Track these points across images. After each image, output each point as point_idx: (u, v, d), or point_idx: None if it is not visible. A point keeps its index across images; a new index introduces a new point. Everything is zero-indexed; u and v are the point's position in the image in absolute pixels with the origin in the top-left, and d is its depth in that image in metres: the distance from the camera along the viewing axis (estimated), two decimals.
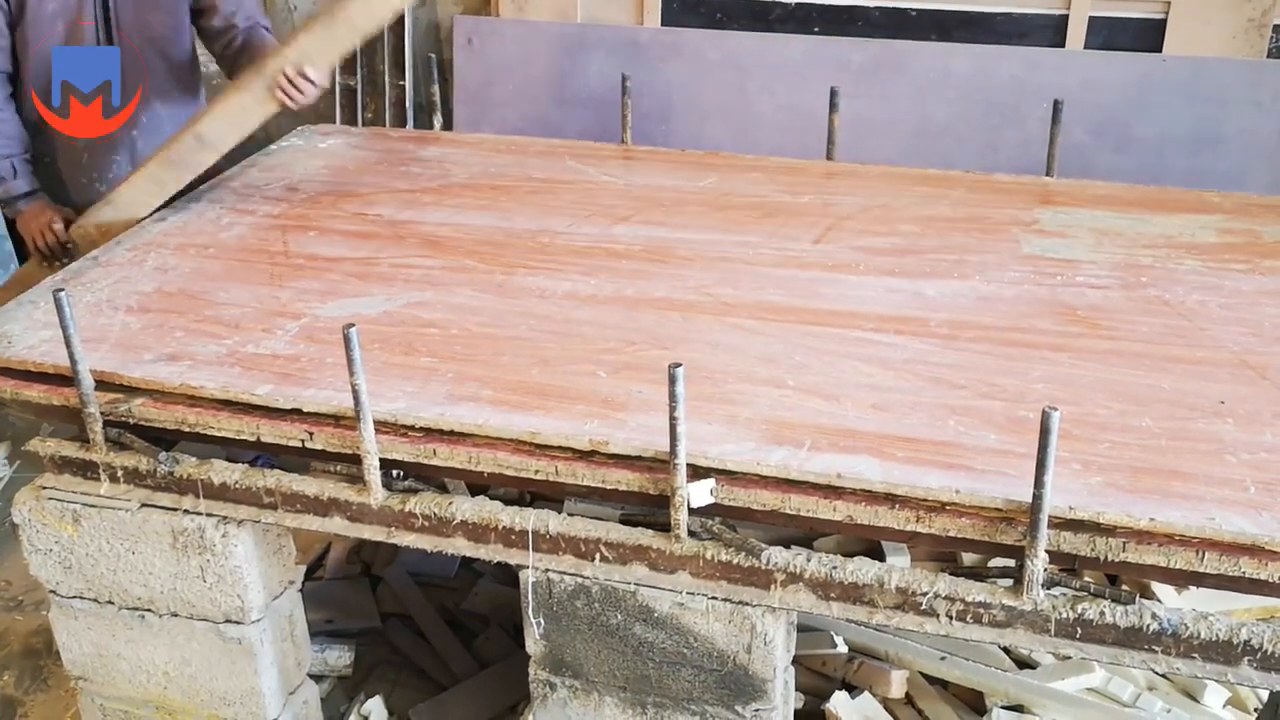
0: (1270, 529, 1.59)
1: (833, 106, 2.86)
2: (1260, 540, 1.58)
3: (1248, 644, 1.61)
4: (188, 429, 1.99)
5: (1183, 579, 1.70)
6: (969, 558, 2.62)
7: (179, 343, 2.11)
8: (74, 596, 2.18)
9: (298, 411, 1.94)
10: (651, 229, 2.53)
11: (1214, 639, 1.62)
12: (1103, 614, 1.66)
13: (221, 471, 2.00)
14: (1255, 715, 2.43)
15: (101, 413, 1.99)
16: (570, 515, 1.89)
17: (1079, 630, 1.68)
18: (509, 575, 1.95)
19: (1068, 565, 1.72)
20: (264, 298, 2.26)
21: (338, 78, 4.36)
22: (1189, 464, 1.74)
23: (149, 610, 2.15)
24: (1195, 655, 1.65)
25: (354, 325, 1.76)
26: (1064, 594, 1.69)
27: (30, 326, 2.17)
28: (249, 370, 2.01)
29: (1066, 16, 3.81)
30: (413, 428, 1.89)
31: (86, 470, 2.07)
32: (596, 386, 1.95)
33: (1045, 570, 1.66)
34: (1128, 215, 2.57)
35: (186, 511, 2.03)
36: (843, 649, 2.58)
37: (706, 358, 2.03)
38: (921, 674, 2.56)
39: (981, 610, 1.72)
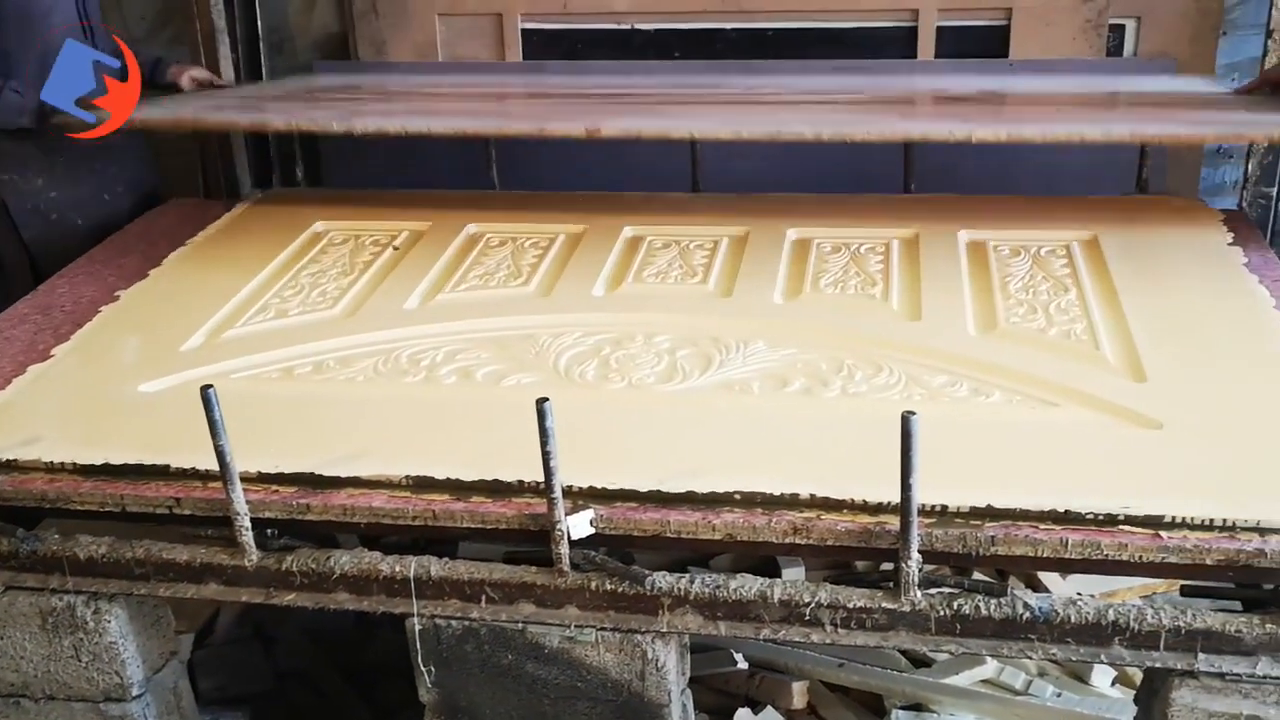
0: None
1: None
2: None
3: (1115, 624, 1.66)
4: (49, 505, 1.92)
5: (1053, 567, 1.75)
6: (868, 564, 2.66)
7: None
8: None
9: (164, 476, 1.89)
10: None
11: (1084, 622, 1.67)
12: (978, 608, 1.69)
13: (87, 546, 1.93)
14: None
15: None
16: (453, 559, 1.87)
17: (958, 626, 1.71)
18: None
19: (960, 564, 1.76)
20: None
21: None
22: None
23: (24, 696, 2.06)
24: (1069, 640, 1.68)
25: (211, 385, 1.72)
26: (941, 593, 1.73)
27: None
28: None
29: (915, 28, 3.92)
30: (283, 480, 1.86)
31: None
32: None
33: (920, 570, 1.69)
34: None
35: (54, 591, 1.96)
36: (743, 665, 2.59)
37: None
38: (822, 682, 2.59)
39: (864, 615, 1.74)
